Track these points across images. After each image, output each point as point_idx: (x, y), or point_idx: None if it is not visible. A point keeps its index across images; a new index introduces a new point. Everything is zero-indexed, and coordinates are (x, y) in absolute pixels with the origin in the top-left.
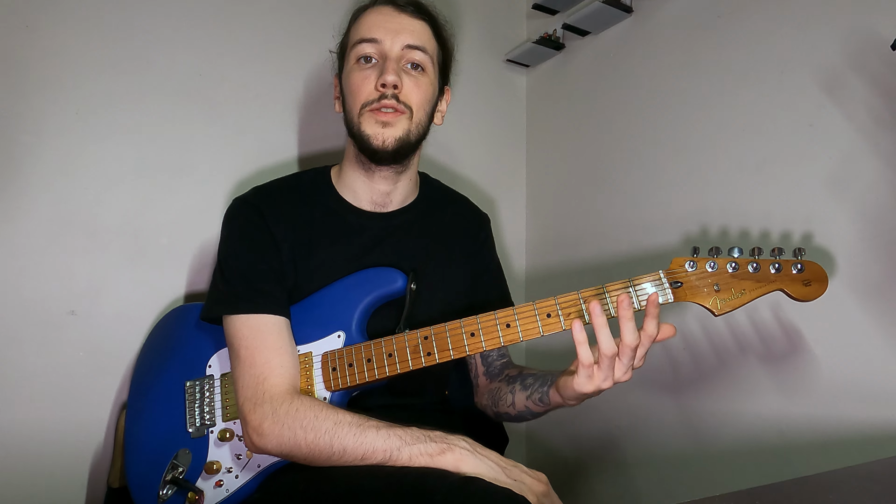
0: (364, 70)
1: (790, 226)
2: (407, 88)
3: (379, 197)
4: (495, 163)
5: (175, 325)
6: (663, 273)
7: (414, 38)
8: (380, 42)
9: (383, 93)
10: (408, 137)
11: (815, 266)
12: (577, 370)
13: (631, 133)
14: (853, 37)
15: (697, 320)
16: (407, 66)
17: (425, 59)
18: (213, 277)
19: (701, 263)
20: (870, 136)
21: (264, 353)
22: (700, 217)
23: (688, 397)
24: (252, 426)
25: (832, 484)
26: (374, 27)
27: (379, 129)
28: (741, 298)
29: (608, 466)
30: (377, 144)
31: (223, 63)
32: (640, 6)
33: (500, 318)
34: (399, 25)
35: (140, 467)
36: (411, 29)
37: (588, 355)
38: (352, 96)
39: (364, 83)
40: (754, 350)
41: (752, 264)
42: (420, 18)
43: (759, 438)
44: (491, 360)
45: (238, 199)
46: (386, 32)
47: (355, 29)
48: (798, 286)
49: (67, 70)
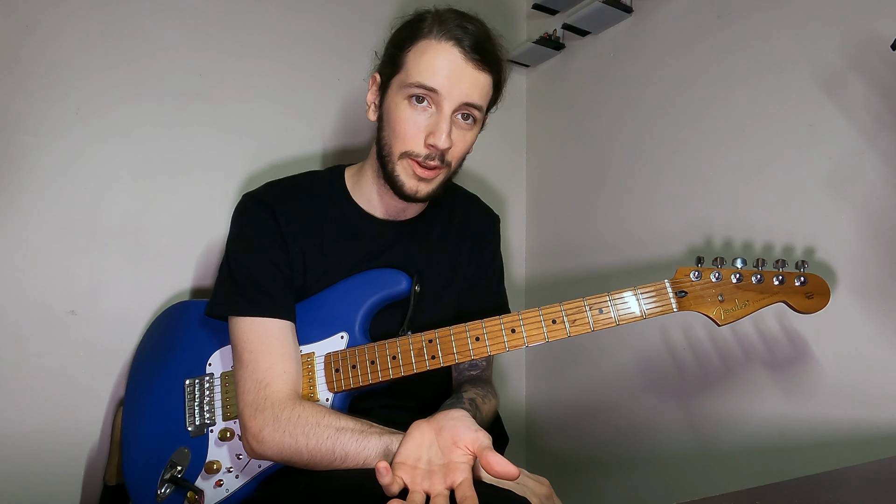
0: (415, 113)
1: (791, 227)
2: (454, 144)
3: (395, 211)
4: (495, 163)
5: (175, 322)
6: (668, 282)
7: (475, 96)
8: (438, 93)
9: (430, 153)
10: (441, 189)
11: (817, 279)
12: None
13: (631, 133)
14: (853, 37)
15: (703, 326)
16: (458, 116)
17: (479, 115)
18: (219, 272)
19: (705, 274)
20: (870, 136)
21: (268, 358)
22: (701, 222)
23: (690, 399)
24: (252, 433)
25: (832, 484)
26: (436, 74)
27: (414, 182)
28: (744, 309)
29: (609, 467)
30: (409, 193)
31: (223, 63)
32: (640, 6)
33: (506, 323)
34: (462, 78)
35: (138, 465)
36: (475, 83)
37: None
38: (394, 133)
39: (412, 129)
40: (759, 355)
41: (756, 276)
42: (486, 70)
43: (761, 439)
44: (461, 368)
45: (249, 194)
46: (447, 84)
47: (415, 62)
48: (800, 298)
49: (67, 70)
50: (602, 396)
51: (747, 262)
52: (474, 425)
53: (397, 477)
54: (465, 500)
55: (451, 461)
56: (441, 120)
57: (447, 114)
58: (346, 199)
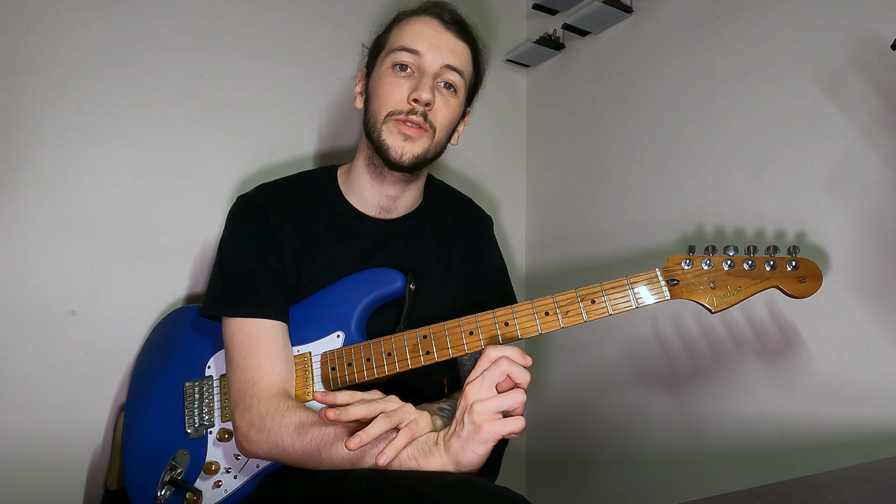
0: (398, 77)
1: (787, 226)
2: (437, 107)
3: (386, 202)
4: (496, 163)
5: (174, 327)
6: (660, 271)
7: (454, 59)
8: (420, 55)
9: (413, 108)
10: (425, 155)
11: (809, 263)
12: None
13: (630, 133)
14: (853, 37)
15: (694, 318)
16: (440, 84)
17: (459, 82)
18: (212, 272)
19: (697, 261)
20: (870, 136)
21: (256, 357)
22: (698, 217)
23: (686, 396)
24: (241, 432)
25: (832, 484)
26: (418, 38)
27: (400, 142)
28: (737, 295)
29: (607, 466)
30: (395, 157)
31: (223, 63)
32: (640, 6)
33: (499, 316)
34: (443, 42)
35: (138, 468)
36: (453, 49)
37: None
38: (378, 100)
39: (395, 91)
40: (751, 347)
41: (748, 262)
42: (463, 40)
43: (759, 438)
44: (465, 370)
45: (243, 196)
46: (429, 47)
47: (397, 34)
48: (793, 283)
49: (67, 70)
50: (602, 395)
51: (739, 249)
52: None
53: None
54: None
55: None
56: (423, 77)
57: (430, 73)
58: (338, 197)
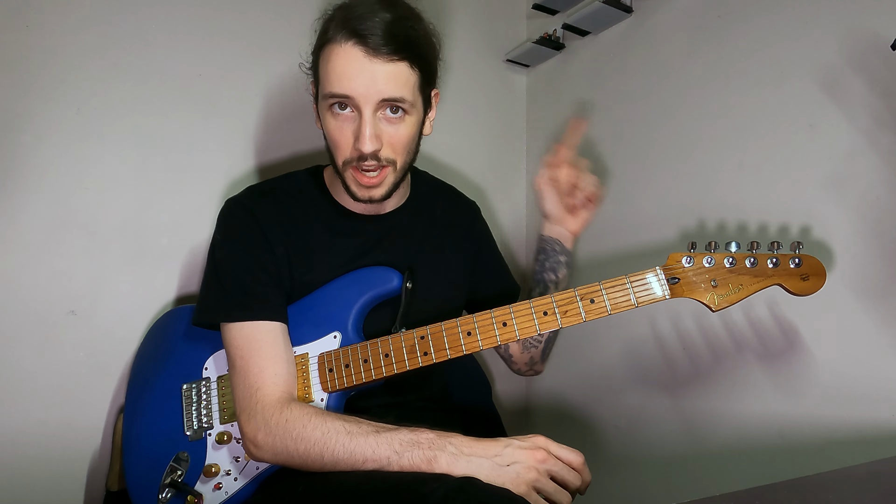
0: (339, 120)
1: (790, 220)
2: (387, 140)
3: (373, 205)
4: (496, 162)
5: (170, 328)
6: (660, 269)
7: (391, 89)
8: (353, 98)
9: (361, 156)
10: (395, 187)
11: (812, 260)
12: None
13: (631, 133)
14: (853, 37)
15: (693, 318)
16: (386, 111)
17: (407, 100)
18: (204, 280)
19: (698, 259)
20: (870, 136)
21: (258, 362)
22: (698, 213)
23: (686, 396)
24: (248, 438)
25: (832, 484)
26: (344, 79)
27: (363, 189)
28: (739, 294)
29: (607, 467)
30: (363, 200)
31: (223, 63)
32: (640, 6)
33: (497, 316)
34: (374, 75)
35: (139, 470)
36: (388, 78)
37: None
38: (330, 146)
39: (341, 137)
40: (751, 347)
41: (750, 259)
42: (396, 60)
43: (759, 438)
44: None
45: (231, 199)
46: (358, 86)
47: (324, 70)
48: (796, 281)
49: (67, 70)
50: (601, 396)
51: (741, 245)
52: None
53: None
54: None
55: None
56: (362, 124)
57: (368, 116)
58: (326, 197)
